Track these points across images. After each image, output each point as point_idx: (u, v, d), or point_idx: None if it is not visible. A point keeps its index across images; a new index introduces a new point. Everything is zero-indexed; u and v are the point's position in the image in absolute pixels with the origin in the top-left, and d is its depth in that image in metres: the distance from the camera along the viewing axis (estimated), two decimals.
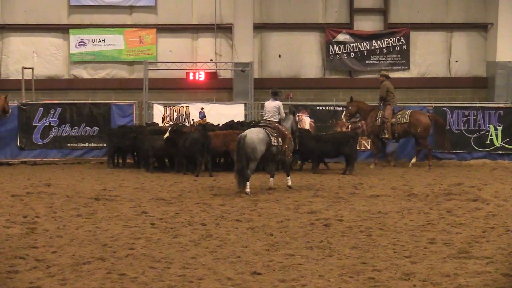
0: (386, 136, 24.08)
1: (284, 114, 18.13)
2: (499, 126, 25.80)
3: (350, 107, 24.62)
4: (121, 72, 30.13)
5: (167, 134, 21.56)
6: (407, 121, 23.97)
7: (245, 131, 17.65)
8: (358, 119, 25.31)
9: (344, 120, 24.84)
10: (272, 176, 18.10)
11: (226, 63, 29.72)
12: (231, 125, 24.16)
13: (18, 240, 11.32)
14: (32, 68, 27.53)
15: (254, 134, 17.24)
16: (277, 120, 17.89)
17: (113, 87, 29.50)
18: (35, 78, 27.49)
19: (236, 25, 29.47)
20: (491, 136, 25.78)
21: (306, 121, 24.44)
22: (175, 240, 11.33)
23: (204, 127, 23.86)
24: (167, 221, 13.10)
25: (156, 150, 22.33)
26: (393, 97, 24.37)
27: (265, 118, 18.12)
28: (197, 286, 8.82)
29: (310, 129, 24.64)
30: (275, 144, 17.45)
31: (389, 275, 9.12)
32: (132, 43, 29.86)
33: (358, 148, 23.15)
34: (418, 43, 30.97)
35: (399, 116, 24.15)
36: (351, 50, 30.59)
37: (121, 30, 29.87)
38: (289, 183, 17.91)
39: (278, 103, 18.07)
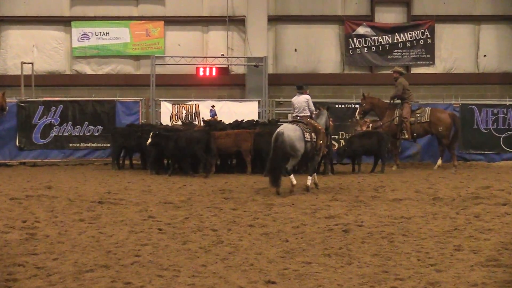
0: (406, 137, 23.96)
1: (313, 108, 18.17)
2: None
3: (364, 104, 24.54)
4: (127, 68, 30.25)
5: (149, 140, 21.60)
6: (428, 120, 23.82)
7: (281, 128, 17.53)
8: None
9: (357, 118, 24.76)
10: (316, 173, 18.26)
11: (238, 57, 29.76)
12: (237, 125, 24.10)
13: (17, 246, 11.34)
14: (32, 63, 27.65)
15: (291, 132, 17.26)
16: (308, 114, 17.97)
17: (118, 84, 29.62)
18: (35, 73, 27.62)
19: (249, 17, 29.50)
20: None
21: None
22: (184, 247, 11.32)
23: (208, 123, 23.83)
24: (176, 226, 13.09)
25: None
26: (410, 94, 24.27)
27: (295, 114, 18.18)
28: None
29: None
30: (309, 140, 17.52)
31: (413, 285, 9.09)
32: (139, 36, 29.96)
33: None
34: (444, 36, 30.92)
35: (418, 115, 24.01)
36: (372, 44, 30.58)
37: (126, 22, 29.99)
38: (308, 183, 17.79)
39: (306, 96, 18.12)
